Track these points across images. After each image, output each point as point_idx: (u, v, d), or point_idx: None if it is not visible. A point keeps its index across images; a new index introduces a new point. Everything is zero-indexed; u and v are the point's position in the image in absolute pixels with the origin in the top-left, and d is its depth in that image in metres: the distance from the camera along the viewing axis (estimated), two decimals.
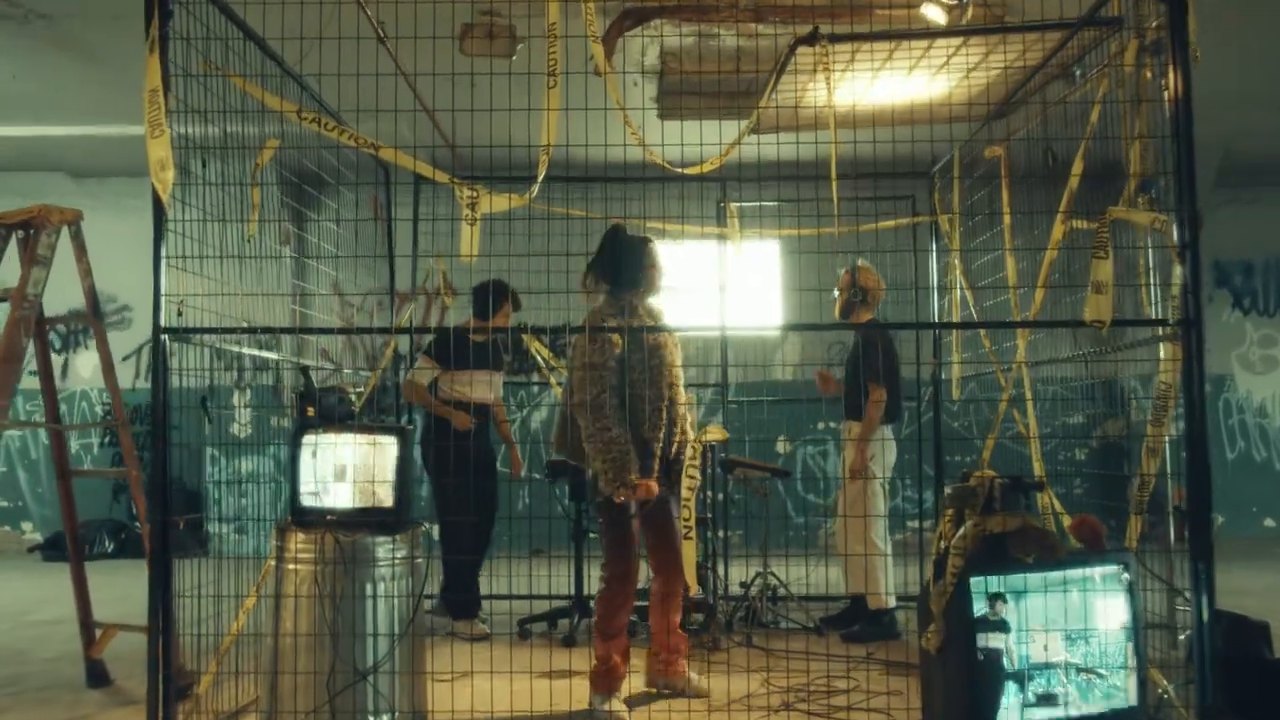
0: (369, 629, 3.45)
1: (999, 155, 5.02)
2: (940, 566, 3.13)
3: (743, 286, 6.07)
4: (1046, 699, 3.06)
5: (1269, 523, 9.59)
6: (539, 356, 6.43)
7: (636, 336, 3.94)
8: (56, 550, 8.35)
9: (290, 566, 3.49)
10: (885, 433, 5.34)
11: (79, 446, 9.43)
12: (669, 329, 4.22)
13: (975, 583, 3.04)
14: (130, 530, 8.65)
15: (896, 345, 5.61)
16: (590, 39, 3.50)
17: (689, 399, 4.39)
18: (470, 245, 3.41)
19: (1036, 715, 3.04)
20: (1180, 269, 3.38)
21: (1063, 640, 3.09)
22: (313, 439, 3.60)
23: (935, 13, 4.77)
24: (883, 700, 4.06)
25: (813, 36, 3.99)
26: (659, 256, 4.23)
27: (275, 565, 3.56)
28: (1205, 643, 3.27)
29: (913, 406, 6.32)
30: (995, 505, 3.18)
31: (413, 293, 6.24)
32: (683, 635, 4.42)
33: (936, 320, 6.15)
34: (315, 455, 3.58)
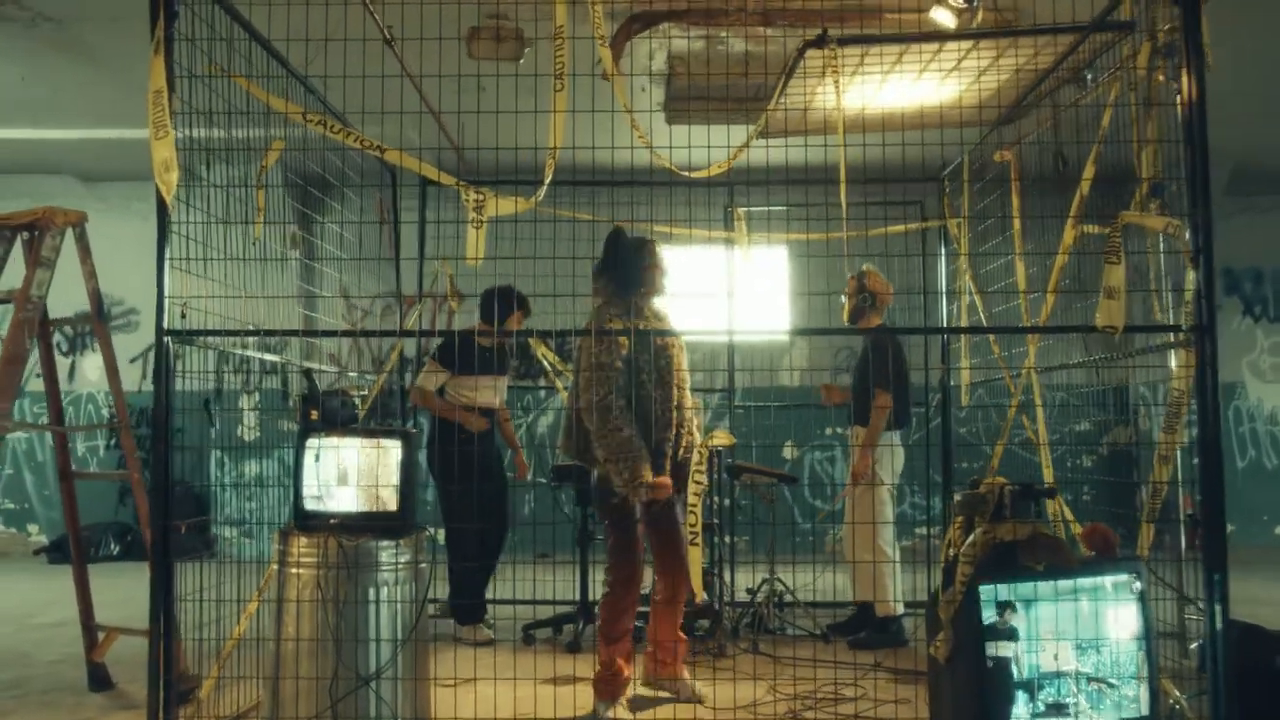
0: (372, 634, 3.43)
1: (1009, 160, 4.98)
2: (949, 574, 3.10)
3: (751, 291, 6.05)
4: (1056, 708, 3.02)
5: None
6: (545, 360, 6.41)
7: (643, 338, 3.93)
8: (62, 553, 8.34)
9: (293, 570, 3.47)
10: (892, 439, 5.30)
11: (85, 449, 9.44)
12: (674, 332, 4.22)
13: (985, 591, 3.01)
14: (136, 533, 8.64)
15: (906, 351, 5.58)
16: (598, 41, 3.48)
17: (695, 403, 4.37)
18: (476, 248, 3.40)
19: None
20: (1194, 274, 3.34)
21: (1073, 649, 3.05)
22: (316, 442, 3.58)
23: (945, 16, 4.74)
24: (890, 709, 4.01)
25: (821, 40, 3.97)
26: (660, 256, 4.23)
27: (278, 569, 3.54)
28: (1219, 653, 3.22)
29: (921, 412, 6.28)
30: (1005, 512, 3.15)
31: (419, 296, 6.22)
32: (683, 639, 4.40)
33: (945, 325, 6.11)
34: (319, 459, 3.56)
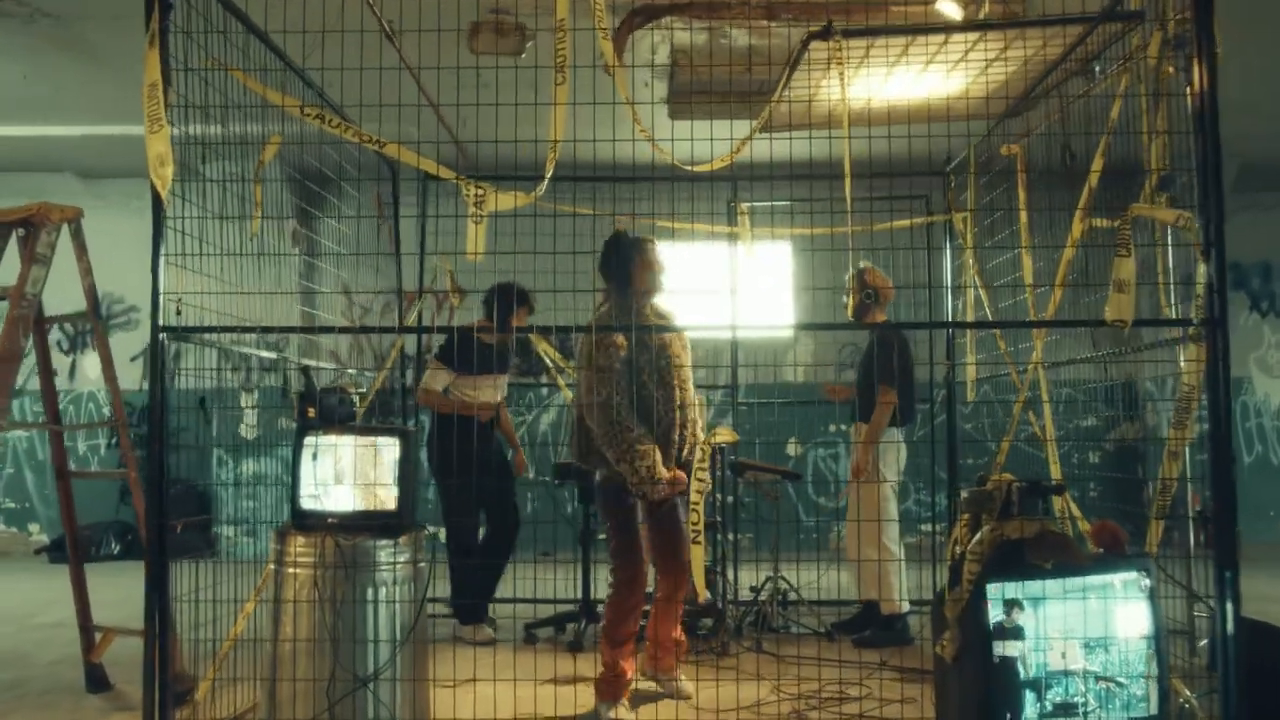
0: (370, 634, 3.38)
1: (1015, 153, 4.93)
2: (956, 572, 3.06)
3: (754, 287, 6.00)
4: (1065, 708, 2.98)
5: None
6: (547, 358, 6.37)
7: (642, 337, 3.91)
8: (63, 552, 8.27)
9: (290, 570, 3.42)
10: (894, 435, 5.25)
11: (86, 448, 9.41)
12: (677, 329, 4.19)
13: (992, 589, 2.97)
14: (136, 532, 8.59)
15: (911, 346, 5.53)
16: (600, 34, 3.44)
17: (699, 400, 4.34)
18: (476, 244, 3.36)
19: None
20: (1204, 267, 3.29)
21: (1081, 648, 3.01)
22: (313, 440, 3.54)
23: (951, 7, 4.69)
24: (896, 708, 3.98)
25: (826, 31, 3.92)
26: (658, 255, 4.20)
27: (275, 569, 3.50)
28: (1230, 652, 3.17)
29: (926, 409, 6.23)
30: (1013, 510, 3.11)
31: (419, 292, 6.18)
32: (683, 640, 4.40)
33: (951, 320, 6.06)
34: (316, 457, 3.52)
